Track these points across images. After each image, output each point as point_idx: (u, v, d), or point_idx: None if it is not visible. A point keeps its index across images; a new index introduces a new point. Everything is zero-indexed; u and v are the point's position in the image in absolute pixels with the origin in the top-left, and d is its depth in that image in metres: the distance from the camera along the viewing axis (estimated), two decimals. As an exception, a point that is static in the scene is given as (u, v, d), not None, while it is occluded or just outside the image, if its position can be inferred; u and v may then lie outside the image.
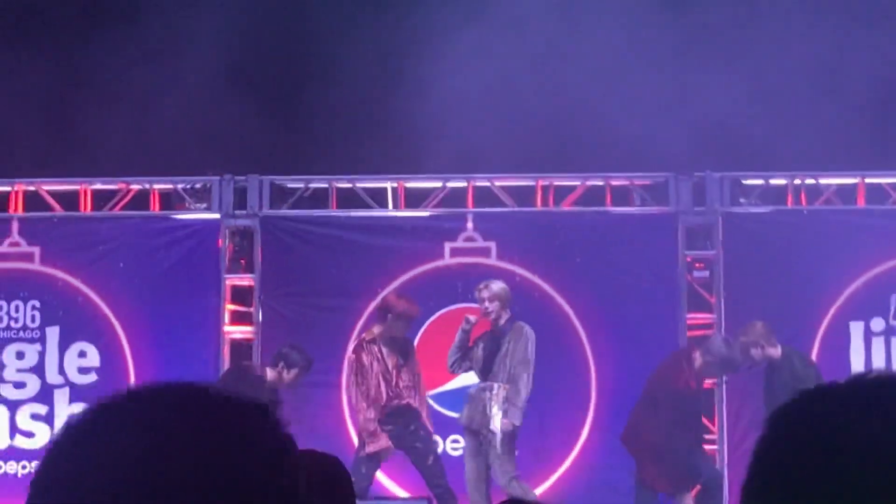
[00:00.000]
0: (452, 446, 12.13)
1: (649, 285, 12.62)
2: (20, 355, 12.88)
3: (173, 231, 12.92)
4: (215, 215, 12.92)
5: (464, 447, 11.92)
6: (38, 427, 12.76)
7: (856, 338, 12.64)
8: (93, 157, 13.07)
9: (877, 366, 12.60)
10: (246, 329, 12.89)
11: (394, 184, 13.10)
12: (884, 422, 1.54)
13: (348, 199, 13.12)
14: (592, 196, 13.04)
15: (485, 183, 13.08)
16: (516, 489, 11.38)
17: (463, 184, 13.06)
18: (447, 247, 12.87)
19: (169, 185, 13.12)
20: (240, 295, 12.97)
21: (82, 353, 12.80)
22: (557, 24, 12.98)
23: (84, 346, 12.81)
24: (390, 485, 12.39)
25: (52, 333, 12.83)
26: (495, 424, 11.54)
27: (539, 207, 13.00)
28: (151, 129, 13.02)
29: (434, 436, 11.82)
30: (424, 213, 13.03)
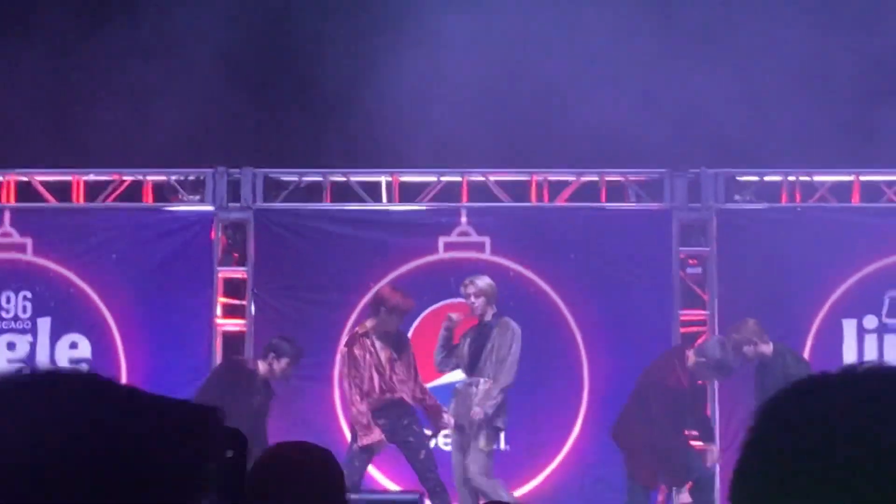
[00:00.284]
0: (445, 441, 12.12)
1: (643, 281, 12.61)
2: (11, 346, 12.85)
3: (166, 223, 12.90)
4: (208, 208, 12.90)
5: (451, 441, 11.91)
6: (29, 418, 12.72)
7: (849, 335, 12.64)
8: (86, 148, 13.04)
9: (869, 364, 12.60)
10: (238, 322, 12.86)
11: (388, 177, 13.08)
12: (874, 413, 1.52)
13: (342, 192, 13.10)
14: (587, 191, 13.03)
15: (479, 177, 13.07)
16: (483, 484, 11.39)
17: (457, 178, 13.04)
18: (441, 241, 12.85)
19: (162, 177, 13.09)
20: (232, 288, 12.95)
21: (73, 345, 12.77)
22: (553, 18, 12.97)
23: (75, 338, 12.78)
24: (382, 479, 12.37)
25: (44, 325, 12.81)
26: (480, 420, 11.56)
27: (534, 202, 12.98)
28: (145, 121, 12.99)
29: (427, 430, 11.81)
30: (419, 207, 13.01)
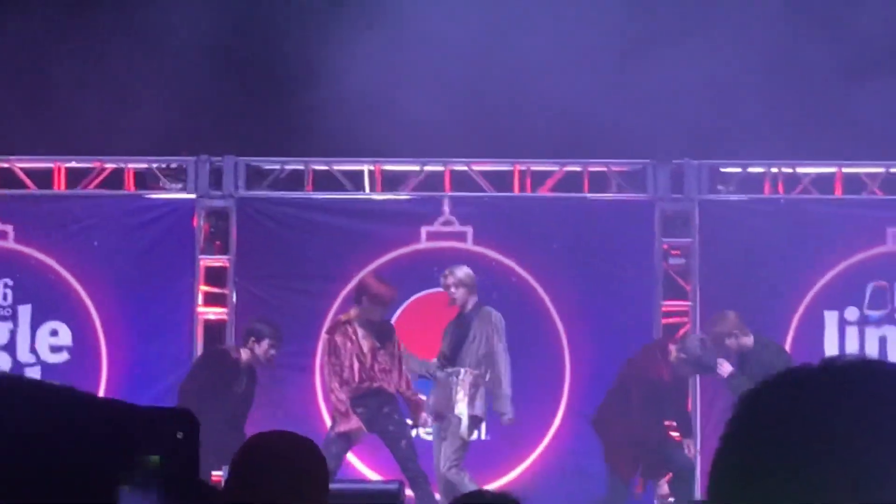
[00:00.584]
0: (426, 430, 12.11)
1: (625, 272, 12.62)
2: (-8, 333, 12.82)
3: (148, 211, 12.86)
4: (190, 196, 12.86)
5: (432, 431, 11.91)
6: (9, 406, 12.68)
7: (830, 327, 12.67)
8: (67, 135, 12.99)
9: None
10: (220, 310, 12.84)
11: (371, 166, 13.06)
12: (855, 408, 1.51)
13: (325, 181, 13.08)
14: (570, 182, 13.03)
15: (462, 167, 13.06)
16: (453, 476, 11.39)
17: (440, 168, 13.03)
18: (423, 231, 12.84)
19: (144, 165, 13.06)
20: (214, 276, 12.92)
21: (54, 332, 12.73)
22: (537, 6, 12.94)
23: (56, 325, 12.74)
24: (363, 468, 12.37)
25: (24, 312, 12.76)
26: (460, 410, 11.54)
27: (516, 192, 12.97)
28: (127, 109, 12.94)
29: (407, 419, 11.81)
30: (401, 197, 12.99)
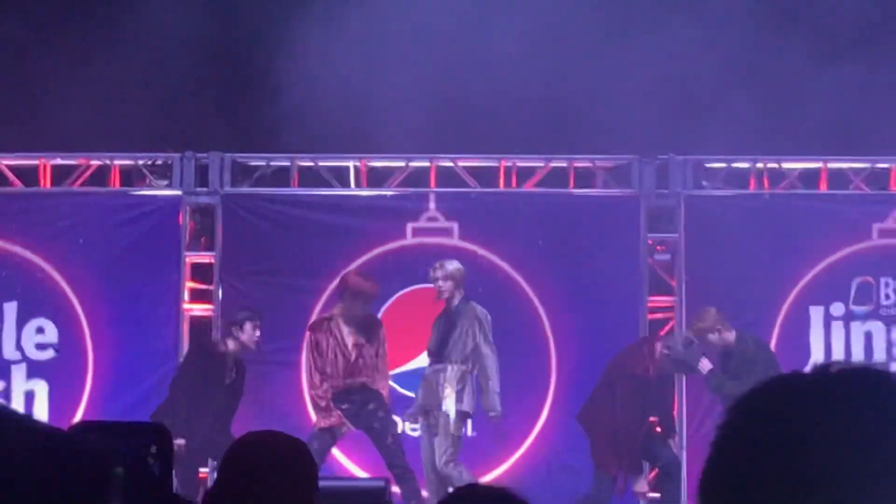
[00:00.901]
0: (412, 426, 12.11)
1: (611, 267, 12.62)
2: (-23, 331, 12.79)
3: (134, 207, 12.84)
4: (176, 192, 12.84)
5: (420, 427, 11.91)
6: (-6, 403, 12.66)
7: (815, 322, 12.69)
8: (53, 132, 12.96)
9: (836, 350, 12.65)
10: (206, 307, 12.83)
11: (356, 163, 13.06)
12: (846, 418, 1.51)
13: (310, 177, 13.07)
14: (555, 177, 13.03)
15: (448, 163, 13.05)
16: (451, 470, 11.39)
17: (426, 163, 13.03)
18: (409, 227, 12.83)
19: (130, 162, 13.04)
20: (200, 272, 12.91)
21: (40, 329, 12.71)
22: (522, 3, 12.94)
23: (42, 323, 12.71)
24: (349, 464, 12.37)
25: (10, 309, 12.73)
26: (448, 405, 11.53)
27: (502, 188, 12.98)
28: (112, 105, 12.91)
29: (393, 416, 11.80)
30: (387, 193, 12.99)
